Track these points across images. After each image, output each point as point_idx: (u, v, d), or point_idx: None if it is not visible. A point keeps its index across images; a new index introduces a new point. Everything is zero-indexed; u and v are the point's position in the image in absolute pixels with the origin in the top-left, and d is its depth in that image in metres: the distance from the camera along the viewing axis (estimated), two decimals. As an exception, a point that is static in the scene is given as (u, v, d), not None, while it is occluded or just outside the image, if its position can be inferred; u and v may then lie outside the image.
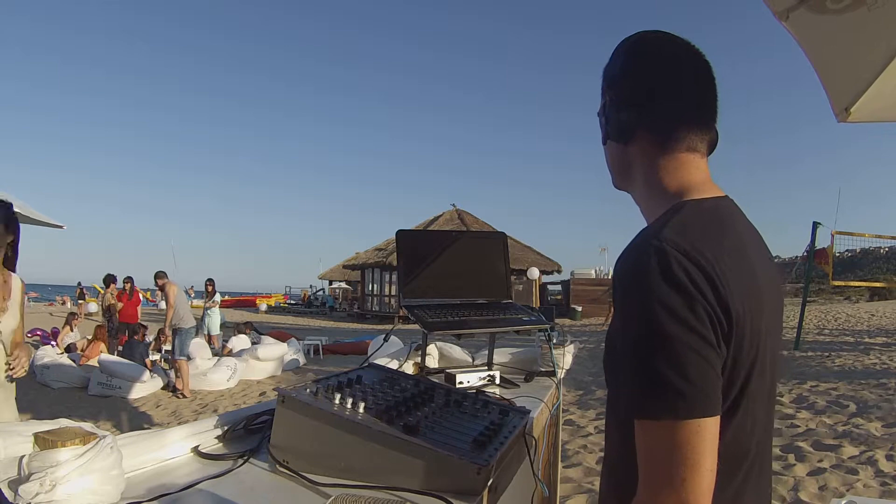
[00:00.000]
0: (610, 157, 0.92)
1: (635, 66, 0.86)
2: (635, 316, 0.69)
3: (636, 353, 0.69)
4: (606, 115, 0.88)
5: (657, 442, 0.67)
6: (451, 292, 1.77)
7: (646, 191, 0.87)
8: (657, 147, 0.84)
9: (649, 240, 0.72)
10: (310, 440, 0.91)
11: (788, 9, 1.81)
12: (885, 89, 2.01)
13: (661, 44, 0.86)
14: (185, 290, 7.77)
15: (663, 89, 0.84)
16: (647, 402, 0.68)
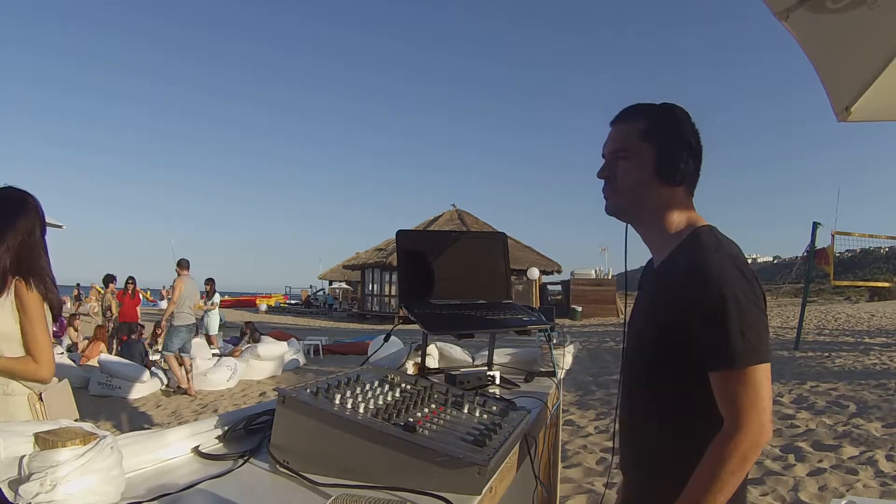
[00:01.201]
0: (643, 191, 1.15)
1: (686, 130, 1.16)
2: (727, 300, 0.99)
3: (732, 325, 0.98)
4: (664, 161, 1.14)
5: (755, 380, 0.98)
6: (452, 292, 1.77)
7: (669, 220, 1.16)
8: (688, 191, 1.18)
9: (724, 249, 1.07)
10: (310, 440, 0.91)
11: (788, 9, 1.81)
12: (886, 88, 2.01)
13: (691, 118, 1.19)
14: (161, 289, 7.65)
15: (697, 151, 1.17)
16: (746, 354, 0.98)
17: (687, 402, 1.09)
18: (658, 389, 1.13)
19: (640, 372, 1.19)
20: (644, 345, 1.18)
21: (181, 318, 7.55)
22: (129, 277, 10.65)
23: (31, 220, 1.94)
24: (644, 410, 1.18)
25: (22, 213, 1.93)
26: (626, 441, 1.26)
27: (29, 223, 1.92)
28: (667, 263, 1.15)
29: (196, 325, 7.69)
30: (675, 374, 1.09)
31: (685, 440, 1.09)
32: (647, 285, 1.24)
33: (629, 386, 1.23)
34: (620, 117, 1.20)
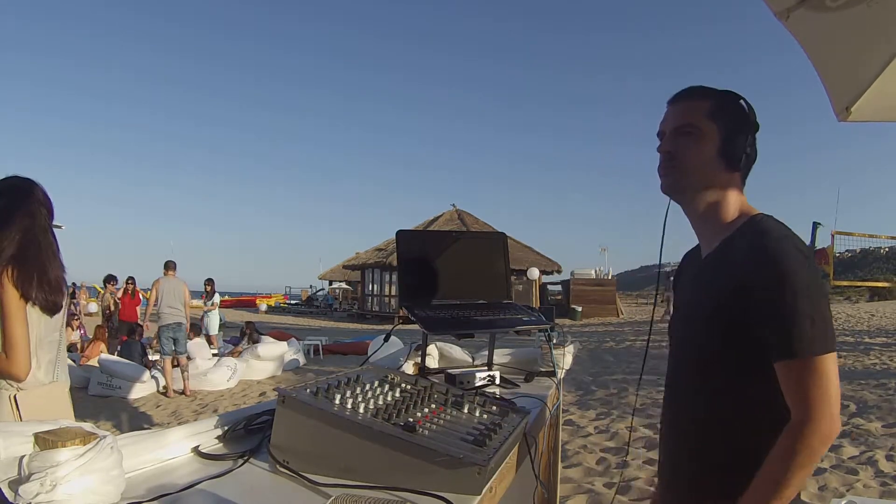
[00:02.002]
0: (704, 171, 1.13)
1: (750, 117, 1.15)
2: (797, 285, 0.97)
3: (802, 312, 0.96)
4: (728, 143, 1.12)
5: (826, 369, 0.96)
6: (451, 292, 1.77)
7: (724, 206, 1.14)
8: (742, 178, 1.17)
9: (790, 237, 1.05)
10: (310, 440, 0.91)
11: (789, 8, 1.81)
12: (886, 88, 2.01)
13: (752, 108, 1.17)
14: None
15: (755, 143, 1.16)
16: (820, 342, 0.96)
17: (748, 395, 1.07)
18: (718, 383, 1.10)
19: (696, 366, 1.16)
20: (701, 337, 1.13)
21: (161, 319, 7.55)
22: (129, 277, 10.66)
23: (36, 209, 1.90)
24: (702, 406, 1.14)
25: (28, 202, 1.89)
26: (676, 439, 1.21)
27: (33, 212, 1.89)
28: (721, 251, 1.12)
29: (183, 325, 7.65)
30: (737, 365, 1.07)
31: (745, 434, 1.07)
32: (694, 278, 1.22)
33: (682, 384, 1.20)
34: (684, 95, 1.17)
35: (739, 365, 1.06)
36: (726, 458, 1.10)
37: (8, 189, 1.91)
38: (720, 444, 1.11)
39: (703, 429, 1.14)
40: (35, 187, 1.94)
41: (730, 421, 1.09)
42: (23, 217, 1.86)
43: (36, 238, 1.87)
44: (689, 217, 1.20)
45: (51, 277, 1.89)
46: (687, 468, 1.17)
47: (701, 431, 1.14)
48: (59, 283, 1.93)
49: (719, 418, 1.11)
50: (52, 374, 1.94)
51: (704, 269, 1.18)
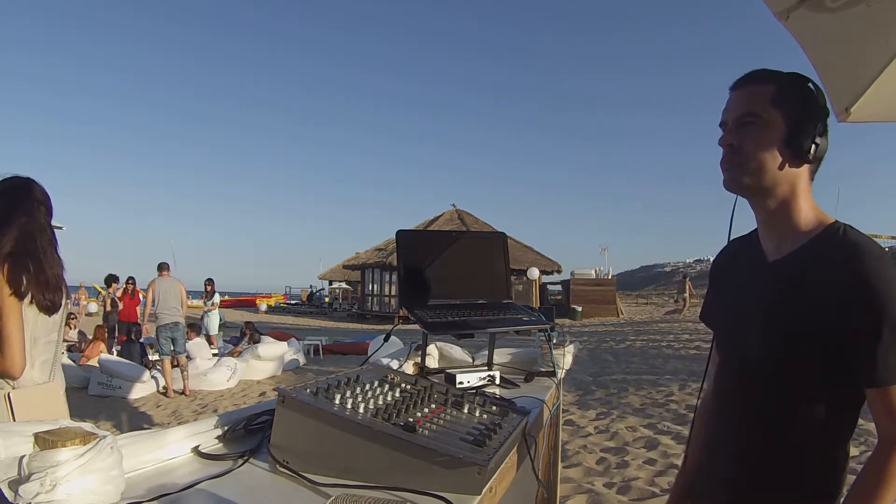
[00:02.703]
0: (770, 163, 1.05)
1: (819, 103, 1.07)
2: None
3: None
4: (794, 132, 1.04)
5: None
6: (451, 292, 1.77)
7: (794, 205, 1.07)
8: (811, 175, 1.09)
9: (885, 256, 0.99)
10: (310, 440, 0.91)
11: (788, 9, 1.81)
12: (886, 89, 2.01)
13: (822, 92, 1.09)
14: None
15: (826, 132, 1.07)
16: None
17: (818, 413, 1.04)
18: (785, 399, 1.06)
19: (760, 378, 1.10)
20: (775, 348, 1.07)
21: (159, 319, 7.57)
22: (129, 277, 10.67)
23: (32, 209, 1.90)
24: (764, 415, 1.09)
25: (26, 202, 1.89)
26: (724, 444, 1.17)
27: (32, 211, 1.89)
28: (800, 260, 1.05)
29: (180, 324, 7.65)
30: (811, 382, 1.03)
31: (802, 450, 1.06)
32: (755, 280, 1.13)
33: (743, 390, 1.14)
34: (746, 80, 1.08)
35: (813, 384, 1.04)
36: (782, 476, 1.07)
37: (7, 188, 1.91)
38: (780, 462, 1.08)
39: (770, 437, 1.09)
40: (34, 186, 1.95)
41: (791, 437, 1.06)
42: (21, 216, 1.87)
43: (34, 236, 1.88)
44: (757, 214, 1.13)
45: (49, 276, 1.89)
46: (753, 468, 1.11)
47: (768, 439, 1.09)
48: (58, 281, 1.92)
49: (782, 434, 1.07)
50: (48, 375, 1.93)
51: (772, 273, 1.10)
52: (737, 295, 1.18)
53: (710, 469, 1.21)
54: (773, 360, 1.07)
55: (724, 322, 1.23)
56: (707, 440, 1.25)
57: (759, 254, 1.14)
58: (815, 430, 1.05)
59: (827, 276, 0.99)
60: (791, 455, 1.07)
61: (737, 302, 1.18)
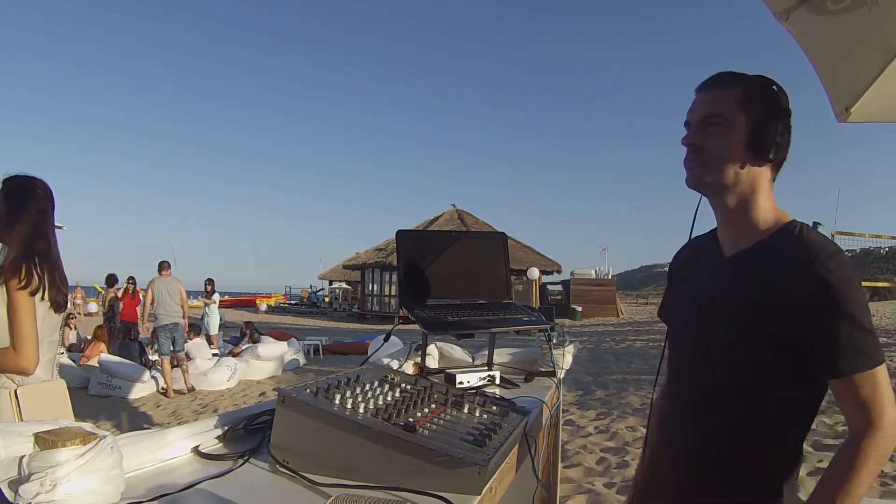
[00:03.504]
0: (732, 162, 1.08)
1: (783, 105, 1.09)
2: (854, 304, 0.97)
3: (863, 325, 0.98)
4: (757, 133, 1.06)
5: (884, 380, 0.98)
6: (451, 292, 1.77)
7: (754, 203, 1.10)
8: (773, 174, 1.12)
9: (840, 253, 1.02)
10: (310, 440, 0.91)
11: (788, 9, 1.81)
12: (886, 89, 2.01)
13: (786, 94, 1.11)
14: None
15: (789, 133, 1.09)
16: (875, 354, 0.97)
17: (781, 407, 1.06)
18: (745, 395, 1.08)
19: (720, 375, 1.11)
20: (730, 346, 1.09)
21: (158, 320, 7.57)
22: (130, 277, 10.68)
23: (41, 208, 1.94)
24: (721, 416, 1.11)
25: (35, 201, 1.93)
26: (682, 441, 1.18)
27: (38, 211, 1.93)
28: (756, 255, 1.08)
29: (179, 324, 7.65)
30: (776, 376, 1.05)
31: (760, 444, 1.07)
32: (713, 275, 1.16)
33: (701, 385, 1.15)
34: (713, 82, 1.11)
35: (775, 378, 1.05)
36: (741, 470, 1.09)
37: (14, 188, 1.95)
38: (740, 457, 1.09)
39: (730, 431, 1.10)
40: (40, 185, 1.98)
41: (749, 432, 1.08)
42: (33, 215, 1.91)
43: (46, 235, 1.92)
44: (716, 212, 1.15)
45: (62, 274, 1.94)
46: (711, 464, 1.12)
47: (727, 433, 1.11)
48: (65, 280, 1.96)
49: (739, 429, 1.09)
50: (51, 373, 1.96)
51: (729, 269, 1.12)
52: (695, 292, 1.21)
53: (668, 465, 1.22)
54: (732, 355, 1.09)
55: (683, 318, 1.24)
56: (664, 436, 1.26)
57: (718, 251, 1.16)
58: (774, 425, 1.07)
59: (783, 272, 1.02)
60: (749, 450, 1.08)
61: (695, 299, 1.20)
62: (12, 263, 1.80)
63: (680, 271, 1.30)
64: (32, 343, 1.78)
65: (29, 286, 1.79)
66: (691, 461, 1.16)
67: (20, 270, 1.79)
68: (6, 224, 1.88)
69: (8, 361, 1.76)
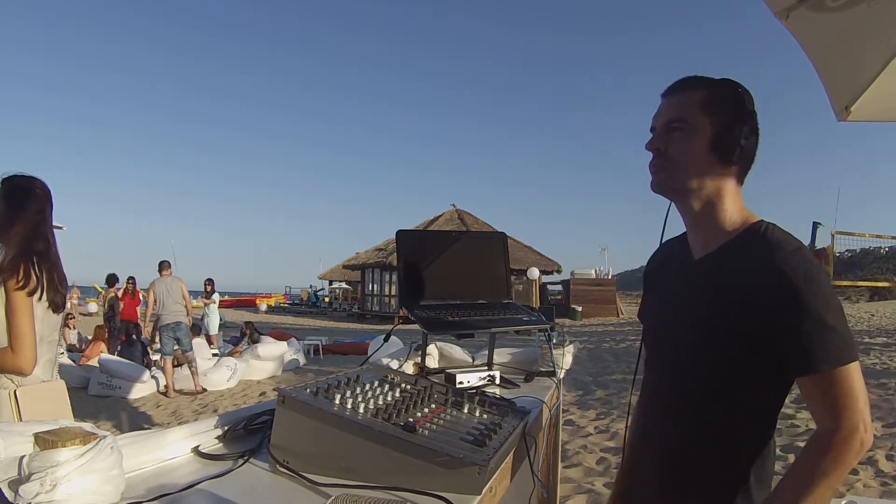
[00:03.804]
0: (696, 166, 1.08)
1: (747, 107, 1.09)
2: (819, 299, 0.96)
3: (829, 321, 0.96)
4: (720, 135, 1.07)
5: (855, 379, 0.95)
6: (451, 292, 1.77)
7: (720, 205, 1.10)
8: (740, 177, 1.11)
9: (803, 249, 1.03)
10: (310, 440, 0.91)
11: (788, 8, 1.80)
12: (886, 88, 2.01)
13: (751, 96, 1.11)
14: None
15: (756, 134, 1.10)
16: (844, 352, 0.95)
17: (751, 407, 1.06)
18: (714, 391, 1.07)
19: (691, 372, 1.11)
20: (700, 344, 1.08)
21: (161, 319, 7.55)
22: (130, 277, 10.68)
23: (40, 208, 1.94)
24: (694, 417, 1.11)
25: (34, 201, 1.93)
26: (656, 441, 1.19)
27: (37, 211, 1.93)
28: (722, 257, 1.08)
29: (182, 323, 7.63)
30: (745, 377, 1.04)
31: (731, 444, 1.07)
32: (682, 278, 1.16)
33: (671, 386, 1.16)
34: (676, 87, 1.12)
35: (746, 379, 1.05)
36: (710, 472, 1.09)
37: (13, 188, 1.96)
38: (709, 460, 1.09)
39: (695, 437, 1.11)
40: (38, 184, 1.98)
41: (723, 433, 1.08)
42: (30, 214, 1.91)
43: (45, 235, 1.92)
44: (684, 216, 1.16)
45: (61, 274, 1.94)
46: (685, 464, 1.13)
47: (693, 440, 1.11)
48: (64, 279, 1.96)
49: (712, 430, 1.09)
50: (51, 374, 1.96)
51: (698, 271, 1.13)
52: (666, 294, 1.22)
53: (647, 464, 1.23)
54: (701, 357, 1.09)
55: (656, 321, 1.25)
56: (642, 437, 1.26)
57: (688, 254, 1.17)
58: (746, 423, 1.07)
59: (748, 272, 1.02)
60: (722, 449, 1.09)
61: (666, 301, 1.22)
62: (10, 263, 1.80)
63: (653, 275, 1.32)
64: (30, 343, 1.78)
65: (27, 286, 1.79)
66: (666, 461, 1.17)
67: (18, 270, 1.79)
68: (5, 224, 1.88)
69: (6, 362, 1.76)
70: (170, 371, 7.51)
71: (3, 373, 1.79)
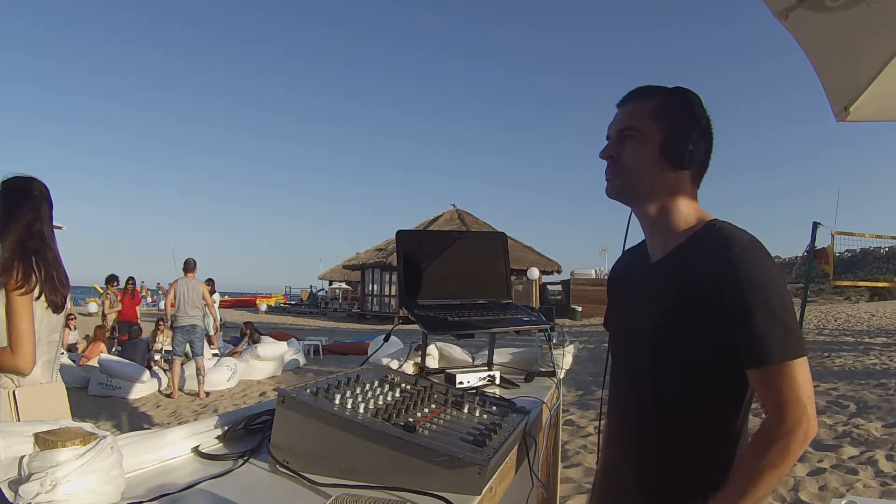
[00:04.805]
0: (647, 172, 1.11)
1: (696, 112, 1.12)
2: (769, 292, 0.98)
3: (778, 316, 0.97)
4: (669, 142, 1.09)
5: (799, 374, 0.97)
6: (451, 293, 1.77)
7: (674, 209, 1.12)
8: (694, 180, 1.14)
9: (755, 243, 1.03)
10: (310, 440, 0.91)
11: (788, 8, 1.81)
12: (885, 88, 2.01)
13: (701, 102, 1.15)
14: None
15: (707, 137, 1.13)
16: (792, 346, 0.97)
17: (716, 404, 1.07)
18: (679, 391, 1.09)
19: (654, 374, 1.11)
20: (661, 345, 1.09)
21: (177, 320, 7.51)
22: (130, 278, 10.71)
23: (37, 208, 1.94)
24: (660, 413, 1.11)
25: (32, 201, 1.93)
26: (626, 445, 1.20)
27: (35, 211, 1.93)
28: (676, 257, 1.10)
29: (198, 326, 7.60)
30: (706, 375, 1.06)
31: (700, 443, 1.08)
32: (641, 281, 1.18)
33: (636, 389, 1.16)
34: (629, 97, 1.16)
35: (704, 374, 1.05)
36: (680, 465, 1.10)
37: (11, 188, 1.96)
38: (675, 451, 1.10)
39: (661, 434, 1.11)
40: (37, 185, 1.99)
41: (685, 428, 1.09)
42: (28, 214, 1.91)
43: (42, 234, 1.92)
44: (641, 221, 1.18)
45: (59, 273, 1.93)
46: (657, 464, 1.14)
47: (658, 437, 1.12)
48: (64, 280, 1.96)
49: (677, 425, 1.09)
50: (50, 374, 1.95)
51: (654, 274, 1.15)
52: (627, 300, 1.24)
53: (619, 467, 1.23)
54: (659, 358, 1.10)
55: (617, 326, 1.27)
56: (613, 439, 1.27)
57: (647, 258, 1.19)
58: (711, 421, 1.08)
59: (701, 270, 1.03)
60: (688, 448, 1.09)
61: (627, 306, 1.24)
62: (7, 263, 1.80)
63: (615, 282, 1.33)
64: (29, 343, 1.77)
65: (24, 286, 1.79)
66: (634, 462, 1.18)
67: (16, 271, 1.79)
68: (2, 224, 1.88)
69: (5, 361, 1.76)
70: (177, 373, 7.48)
71: (2, 372, 1.79)
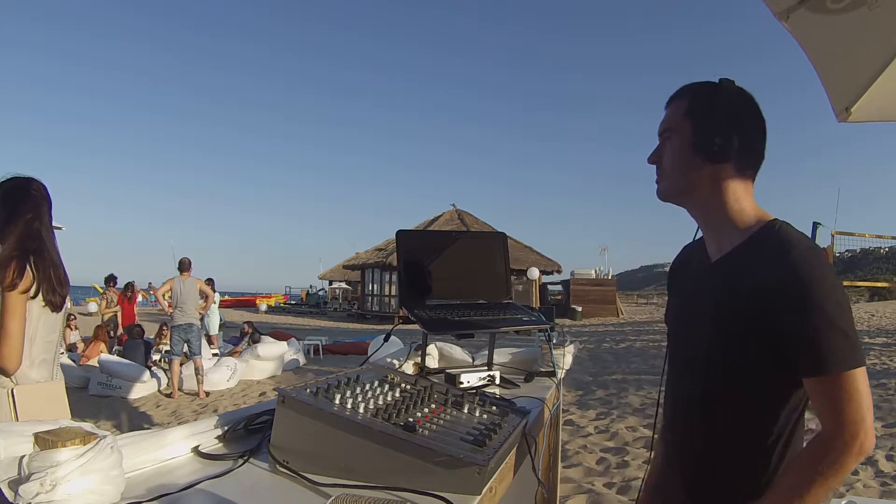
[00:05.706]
0: (685, 170, 1.11)
1: (727, 103, 1.09)
2: (830, 300, 0.95)
3: (837, 324, 0.95)
4: (702, 136, 1.08)
5: (858, 384, 0.95)
6: (451, 292, 1.77)
7: (726, 204, 1.10)
8: (739, 170, 1.10)
9: (815, 249, 1.02)
10: (310, 440, 0.91)
11: (788, 9, 1.81)
12: (886, 89, 2.01)
13: (746, 92, 1.12)
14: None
15: (745, 127, 1.10)
16: (851, 356, 0.95)
17: (767, 408, 1.06)
18: (730, 393, 1.08)
19: (707, 374, 1.11)
20: (715, 347, 1.09)
21: (174, 319, 7.50)
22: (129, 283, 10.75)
23: (36, 208, 1.94)
24: (717, 418, 1.11)
25: (31, 201, 1.93)
26: (676, 445, 1.20)
27: (34, 211, 1.93)
28: (737, 257, 1.08)
29: (194, 325, 7.58)
30: (760, 379, 1.04)
31: (759, 448, 1.07)
32: (701, 280, 1.17)
33: (694, 392, 1.15)
34: (670, 98, 1.16)
35: (764, 379, 1.04)
36: (736, 471, 1.09)
37: (11, 188, 1.96)
38: (735, 457, 1.09)
39: (718, 438, 1.11)
40: (36, 185, 1.99)
41: (747, 433, 1.08)
42: (27, 214, 1.91)
43: (40, 234, 1.92)
44: (696, 220, 1.18)
45: (58, 273, 1.93)
46: (710, 465, 1.13)
47: (717, 441, 1.11)
48: (63, 279, 1.96)
49: (736, 429, 1.08)
50: (49, 374, 1.95)
51: (715, 273, 1.13)
52: (685, 297, 1.24)
53: (673, 466, 1.23)
54: (716, 360, 1.09)
55: (676, 324, 1.27)
56: (666, 437, 1.27)
57: (705, 257, 1.18)
58: (764, 424, 1.07)
59: (761, 273, 1.02)
60: (741, 451, 1.08)
61: (685, 304, 1.24)
62: (3, 262, 1.80)
63: (675, 277, 1.33)
64: (16, 342, 1.77)
65: (19, 285, 1.79)
66: (687, 462, 1.18)
67: (12, 270, 1.79)
68: (2, 224, 1.89)
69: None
70: (177, 373, 7.47)
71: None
